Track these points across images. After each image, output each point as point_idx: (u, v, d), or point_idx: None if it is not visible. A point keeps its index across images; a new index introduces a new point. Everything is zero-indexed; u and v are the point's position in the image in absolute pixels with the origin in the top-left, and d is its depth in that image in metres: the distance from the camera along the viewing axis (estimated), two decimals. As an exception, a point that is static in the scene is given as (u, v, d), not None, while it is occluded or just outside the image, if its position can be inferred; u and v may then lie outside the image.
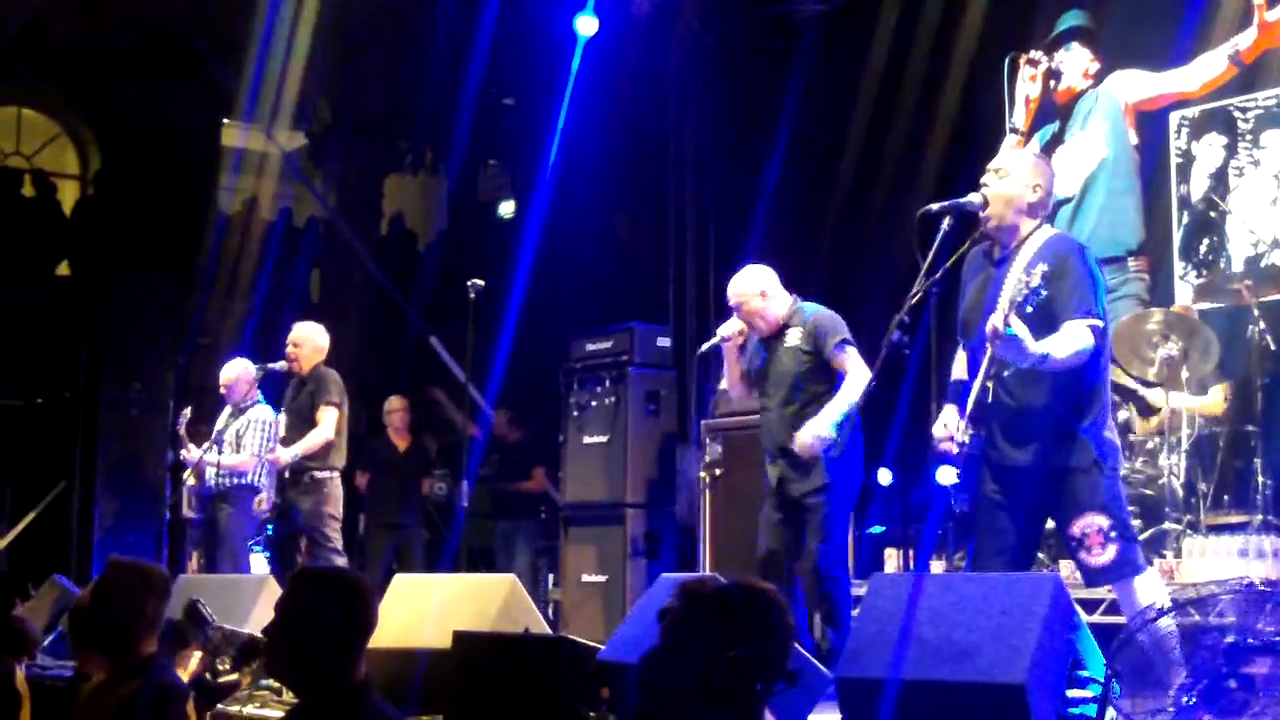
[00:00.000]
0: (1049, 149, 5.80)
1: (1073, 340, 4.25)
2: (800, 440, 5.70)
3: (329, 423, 7.71)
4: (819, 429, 5.66)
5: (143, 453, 10.05)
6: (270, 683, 5.16)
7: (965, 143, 8.00)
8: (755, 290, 6.00)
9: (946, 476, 4.36)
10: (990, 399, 4.39)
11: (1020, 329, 4.11)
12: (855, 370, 5.77)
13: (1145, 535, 6.07)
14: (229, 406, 8.23)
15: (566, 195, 10.20)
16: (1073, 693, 4.11)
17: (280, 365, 7.99)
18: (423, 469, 10.52)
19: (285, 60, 11.90)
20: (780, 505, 5.90)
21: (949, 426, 4.46)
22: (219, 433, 8.08)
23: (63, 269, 13.87)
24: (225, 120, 14.62)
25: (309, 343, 7.97)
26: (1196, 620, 3.54)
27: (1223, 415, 6.60)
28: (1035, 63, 5.86)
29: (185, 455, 8.22)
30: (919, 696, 3.75)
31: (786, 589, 5.68)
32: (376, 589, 3.45)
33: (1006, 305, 4.16)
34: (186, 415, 8.40)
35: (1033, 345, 4.15)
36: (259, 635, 4.83)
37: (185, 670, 4.92)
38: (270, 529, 8.70)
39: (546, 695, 4.30)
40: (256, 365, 8.18)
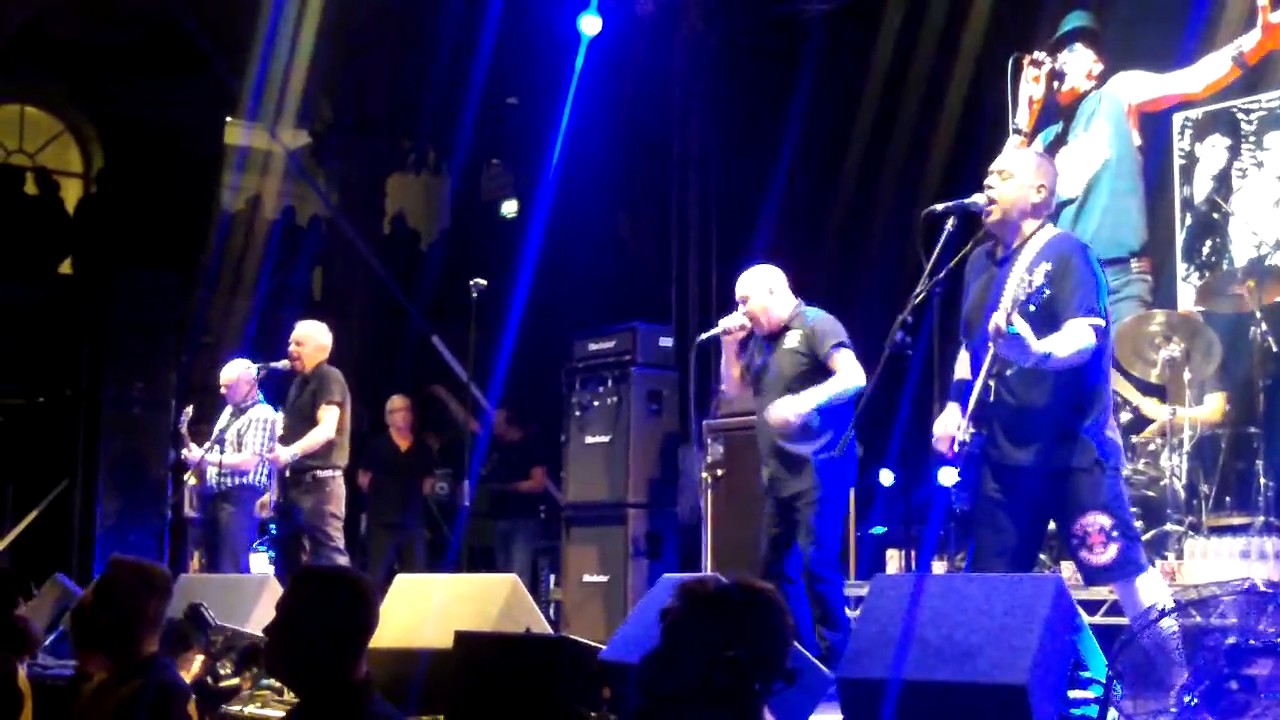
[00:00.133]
0: (1052, 150, 5.78)
1: (1075, 339, 4.24)
2: (773, 412, 5.72)
3: (329, 422, 7.70)
4: (796, 404, 5.69)
5: (145, 451, 10.07)
6: (271, 682, 5.16)
7: (969, 143, 7.97)
8: (763, 287, 6.02)
9: (948, 477, 4.36)
10: (992, 398, 4.39)
11: (1023, 327, 4.10)
12: (847, 369, 5.79)
13: (1147, 536, 6.06)
14: (229, 406, 8.24)
15: (569, 195, 10.19)
16: (1074, 693, 4.11)
17: (283, 364, 7.98)
18: (425, 469, 10.51)
19: (289, 59, 11.90)
20: (773, 506, 5.93)
21: (950, 426, 4.46)
22: (220, 432, 8.08)
23: (65, 267, 13.89)
24: (228, 118, 14.65)
25: (311, 341, 7.96)
26: (1198, 621, 3.53)
27: (1220, 423, 6.59)
28: (1039, 64, 5.85)
29: (187, 454, 8.21)
30: (920, 697, 3.75)
31: (784, 589, 5.68)
32: (378, 588, 3.45)
33: (1009, 304, 4.16)
34: (189, 414, 8.41)
35: (1035, 344, 4.14)
36: (260, 640, 4.83)
37: (187, 674, 4.93)
38: (274, 529, 8.70)
39: (548, 695, 4.30)
40: (259, 364, 8.18)
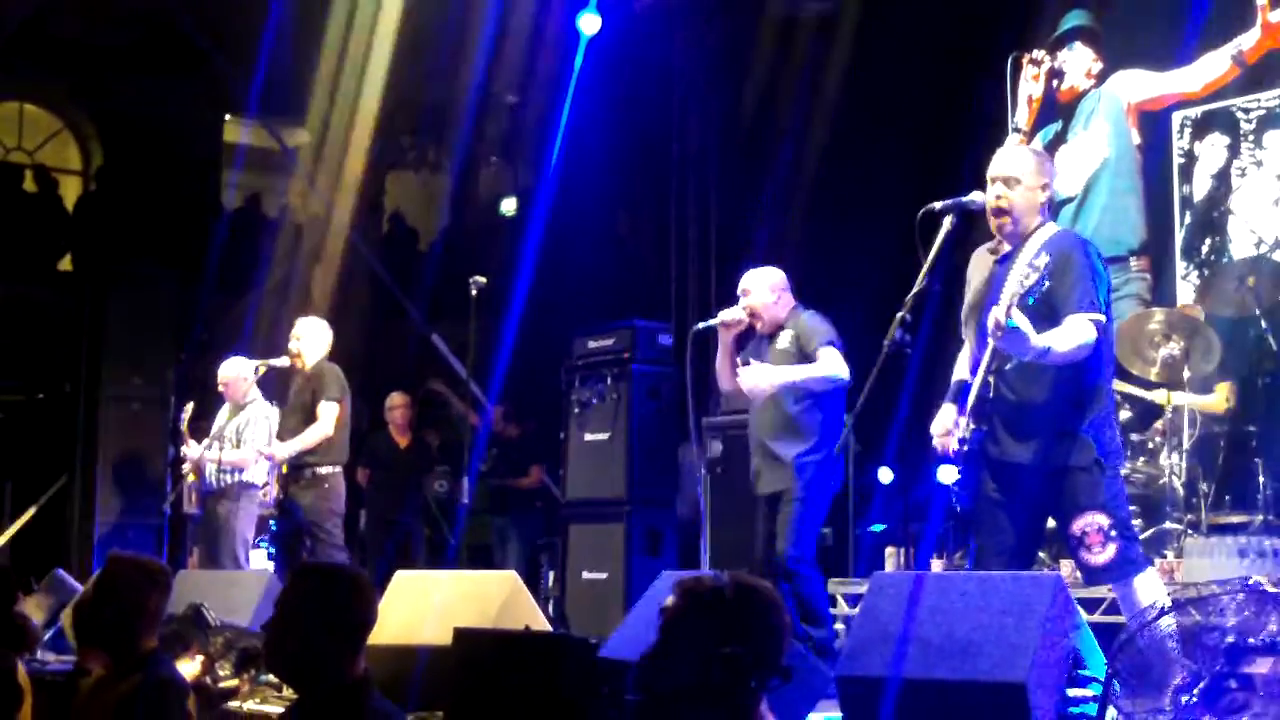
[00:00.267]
0: (1051, 148, 5.78)
1: (1074, 334, 4.24)
2: (745, 376, 5.81)
3: (328, 418, 7.69)
4: (771, 374, 5.78)
5: (144, 448, 10.06)
6: (270, 678, 5.16)
7: (968, 142, 7.97)
8: (766, 284, 6.07)
9: (947, 475, 4.35)
10: (991, 394, 4.38)
11: (1022, 321, 4.09)
12: (828, 360, 5.83)
13: (1146, 535, 6.07)
14: (228, 404, 8.25)
15: (569, 193, 10.19)
16: (1073, 692, 4.11)
17: (282, 361, 7.99)
18: (424, 466, 10.52)
19: (290, 57, 11.88)
20: (761, 503, 5.98)
21: (946, 424, 4.46)
22: (219, 429, 8.10)
23: (65, 264, 13.87)
24: (228, 116, 14.62)
25: (311, 338, 7.96)
26: (1197, 620, 3.53)
27: (1225, 413, 6.59)
28: (1038, 62, 5.85)
29: (186, 451, 8.22)
30: (919, 695, 3.75)
31: (781, 586, 5.69)
32: (377, 585, 3.45)
33: (1009, 298, 4.15)
34: (188, 411, 8.42)
35: (1034, 338, 4.14)
36: (259, 642, 4.83)
37: (187, 675, 4.92)
38: (275, 525, 8.70)
39: (547, 693, 4.29)
40: (259, 361, 8.18)
